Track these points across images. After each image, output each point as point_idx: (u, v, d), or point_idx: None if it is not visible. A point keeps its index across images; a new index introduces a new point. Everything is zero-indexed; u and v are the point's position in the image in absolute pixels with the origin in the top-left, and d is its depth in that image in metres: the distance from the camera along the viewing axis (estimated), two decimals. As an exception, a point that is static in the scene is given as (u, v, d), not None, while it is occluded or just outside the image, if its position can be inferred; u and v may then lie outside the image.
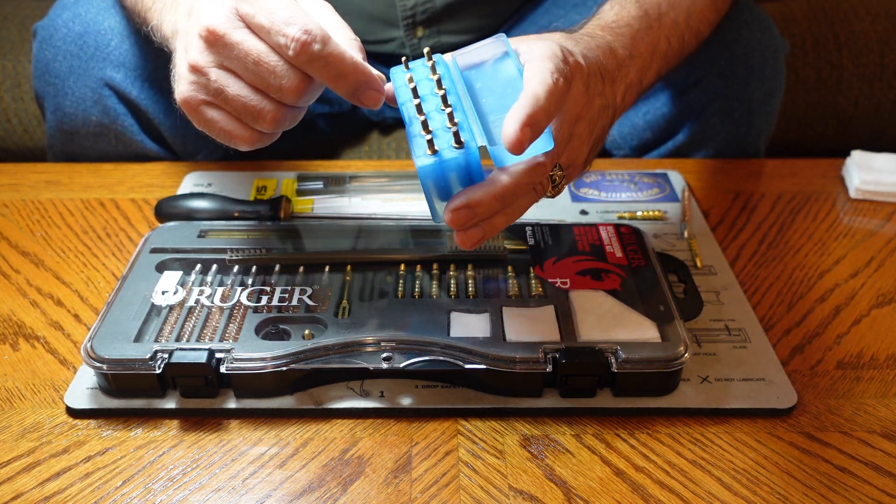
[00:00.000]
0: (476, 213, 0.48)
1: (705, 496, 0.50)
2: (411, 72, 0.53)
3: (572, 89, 0.52)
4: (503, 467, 0.51)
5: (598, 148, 0.60)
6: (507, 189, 0.49)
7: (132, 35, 0.80)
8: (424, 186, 0.49)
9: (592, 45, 0.59)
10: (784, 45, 0.90)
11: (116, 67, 0.80)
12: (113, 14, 0.81)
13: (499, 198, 0.49)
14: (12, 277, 0.68)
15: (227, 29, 0.48)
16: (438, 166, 0.48)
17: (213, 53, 0.49)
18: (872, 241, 0.74)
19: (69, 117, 0.82)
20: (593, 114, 0.55)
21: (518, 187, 0.49)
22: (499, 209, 0.50)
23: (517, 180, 0.49)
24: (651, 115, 0.89)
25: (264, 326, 0.57)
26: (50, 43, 0.81)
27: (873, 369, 0.60)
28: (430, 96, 0.51)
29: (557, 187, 0.54)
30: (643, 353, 0.54)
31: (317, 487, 0.50)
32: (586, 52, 0.56)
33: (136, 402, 0.55)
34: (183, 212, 0.72)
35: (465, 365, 0.54)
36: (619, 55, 0.61)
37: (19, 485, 0.50)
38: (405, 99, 0.52)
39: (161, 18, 0.59)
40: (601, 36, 0.61)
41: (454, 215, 0.48)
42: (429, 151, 0.48)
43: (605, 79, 0.58)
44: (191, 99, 0.51)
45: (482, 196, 0.48)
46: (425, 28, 0.95)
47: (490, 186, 0.48)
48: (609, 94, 0.58)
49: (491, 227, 0.50)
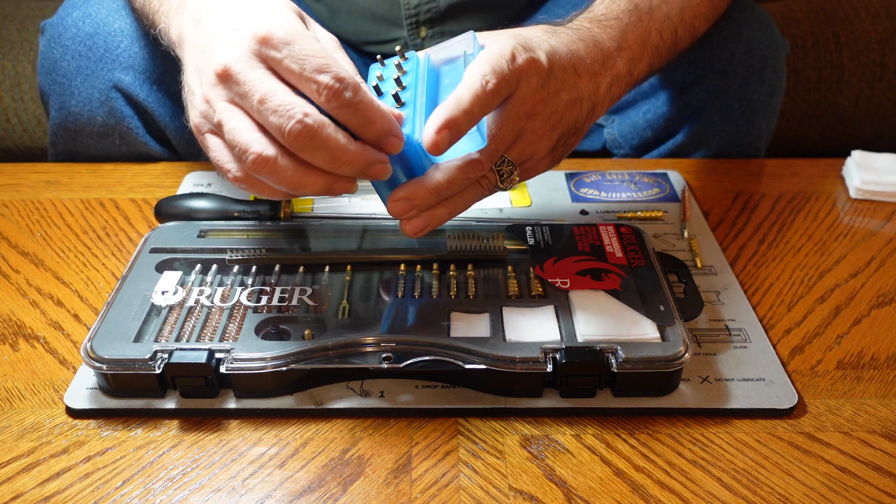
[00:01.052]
0: (414, 204, 0.53)
1: (705, 496, 0.50)
2: (383, 69, 0.55)
3: (521, 86, 0.54)
4: (503, 467, 0.51)
5: (573, 140, 0.61)
6: (440, 184, 0.53)
7: (142, 37, 0.80)
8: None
9: (574, 38, 0.60)
10: (784, 44, 0.90)
11: (125, 70, 0.80)
12: (123, 16, 0.81)
13: (433, 192, 0.53)
14: (12, 277, 0.68)
15: (240, 69, 0.48)
16: None
17: (225, 89, 0.49)
18: (872, 241, 0.74)
19: (74, 116, 0.82)
20: (555, 108, 0.57)
21: (452, 182, 0.53)
22: (436, 202, 0.54)
23: (450, 176, 0.53)
24: (651, 114, 0.89)
25: (264, 326, 0.57)
26: (59, 41, 0.81)
27: (873, 369, 0.60)
28: (388, 93, 0.53)
29: (507, 180, 0.56)
30: (643, 353, 0.54)
31: (317, 487, 0.50)
32: (559, 46, 0.57)
33: (136, 402, 0.55)
34: (183, 212, 0.72)
35: (465, 365, 0.54)
36: (606, 47, 0.62)
37: (19, 485, 0.50)
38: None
39: (168, 23, 0.60)
40: (587, 28, 0.62)
41: (393, 206, 0.53)
42: None
43: (580, 72, 0.59)
44: (198, 126, 0.52)
45: (417, 189, 0.53)
46: (429, 28, 0.95)
47: (425, 181, 0.53)
48: (585, 86, 0.59)
49: (433, 218, 0.55)
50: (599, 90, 0.61)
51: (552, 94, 0.56)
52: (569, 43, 0.59)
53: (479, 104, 0.50)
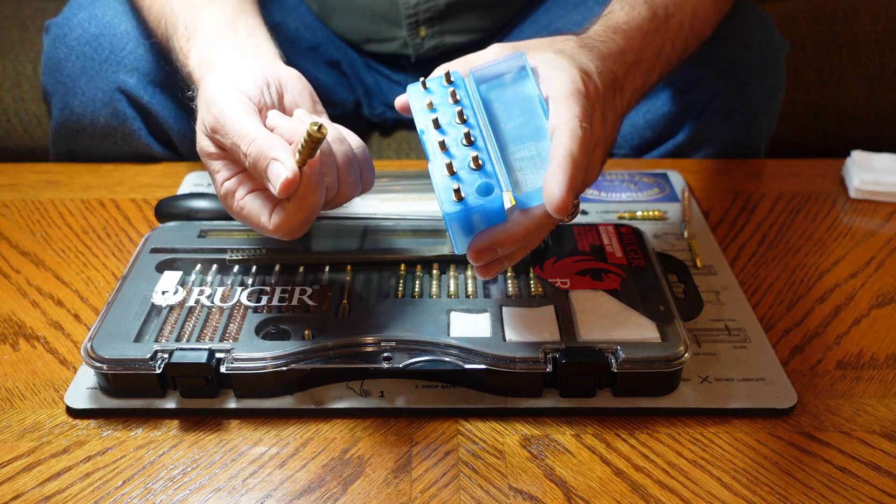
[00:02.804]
0: (497, 252, 0.51)
1: (705, 496, 0.50)
2: (429, 94, 0.53)
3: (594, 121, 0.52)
4: (503, 467, 0.51)
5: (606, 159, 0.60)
6: (529, 230, 0.50)
7: (147, 40, 0.80)
8: (449, 227, 0.50)
9: (605, 54, 0.58)
10: (784, 44, 0.90)
11: (130, 72, 0.80)
12: (129, 18, 0.81)
13: (521, 238, 0.51)
14: (12, 277, 0.68)
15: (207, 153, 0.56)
16: (465, 213, 0.49)
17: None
18: (872, 241, 0.74)
19: (77, 117, 0.82)
20: (607, 132, 0.56)
21: (540, 227, 0.51)
22: (519, 247, 0.52)
23: (540, 221, 0.50)
24: (651, 114, 0.89)
25: (264, 326, 0.57)
26: (63, 42, 0.81)
27: (873, 369, 0.60)
28: (450, 127, 0.51)
29: (573, 215, 0.54)
30: (643, 353, 0.54)
31: (317, 487, 0.50)
32: (600, 65, 0.56)
33: (136, 402, 0.55)
34: (183, 212, 0.72)
35: (465, 365, 0.54)
36: (629, 60, 0.61)
37: (19, 485, 0.50)
38: (425, 127, 0.52)
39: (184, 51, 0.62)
40: (613, 40, 0.60)
41: (477, 255, 0.51)
42: (454, 199, 0.48)
43: (616, 90, 0.58)
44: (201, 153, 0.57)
45: (505, 238, 0.50)
46: (428, 27, 0.95)
47: (514, 228, 0.50)
48: (619, 104, 0.58)
49: (510, 260, 0.53)
50: (625, 104, 0.60)
51: (606, 120, 0.55)
52: (605, 60, 0.57)
53: (587, 152, 0.49)
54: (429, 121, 0.52)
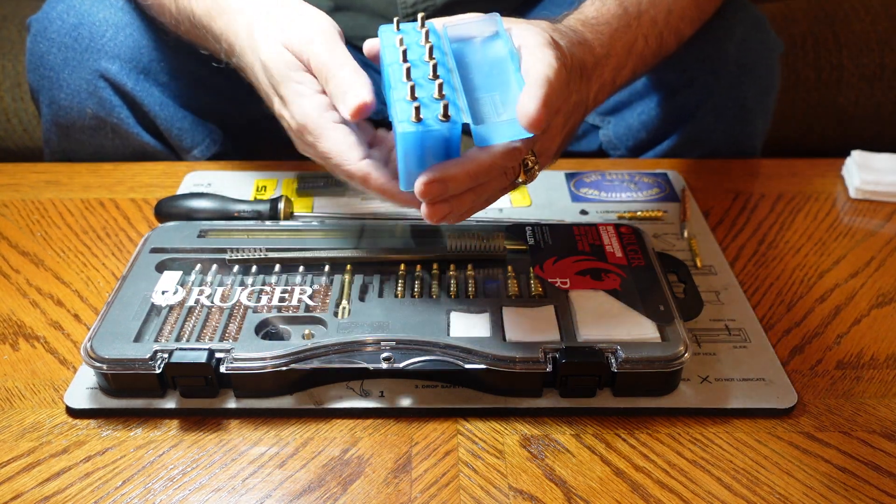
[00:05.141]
0: (448, 187, 0.49)
1: (705, 496, 0.50)
2: (402, 33, 0.53)
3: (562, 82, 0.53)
4: (503, 467, 0.51)
5: (568, 142, 0.61)
6: (482, 166, 0.49)
7: (127, 27, 0.80)
8: (401, 152, 0.49)
9: (574, 41, 0.59)
10: (778, 43, 0.89)
11: (111, 59, 0.80)
12: (108, 5, 0.80)
13: (472, 175, 0.49)
14: (12, 277, 0.68)
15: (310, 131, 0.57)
16: (422, 135, 0.48)
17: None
18: (872, 241, 0.74)
19: (64, 110, 0.82)
20: (569, 108, 0.57)
21: (493, 167, 0.50)
22: (470, 186, 0.51)
23: (494, 160, 0.49)
24: (646, 115, 0.89)
25: (264, 326, 0.57)
26: (44, 35, 0.81)
27: (873, 369, 0.60)
28: (419, 63, 0.51)
29: (529, 172, 0.54)
30: (643, 353, 0.54)
31: (317, 487, 0.50)
32: (570, 47, 0.57)
33: (136, 402, 0.55)
34: (183, 212, 0.72)
35: (465, 365, 0.54)
36: (597, 53, 0.62)
37: (19, 485, 0.50)
38: (392, 60, 0.52)
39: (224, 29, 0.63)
40: (581, 32, 0.62)
41: (426, 187, 0.49)
42: (413, 118, 0.48)
43: (583, 75, 0.59)
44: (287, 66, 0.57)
45: (457, 171, 0.49)
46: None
47: (466, 163, 0.49)
48: (584, 90, 0.59)
49: (458, 205, 0.51)
50: (591, 95, 0.61)
51: (570, 94, 0.56)
52: (574, 46, 0.58)
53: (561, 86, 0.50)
54: (398, 54, 0.51)
